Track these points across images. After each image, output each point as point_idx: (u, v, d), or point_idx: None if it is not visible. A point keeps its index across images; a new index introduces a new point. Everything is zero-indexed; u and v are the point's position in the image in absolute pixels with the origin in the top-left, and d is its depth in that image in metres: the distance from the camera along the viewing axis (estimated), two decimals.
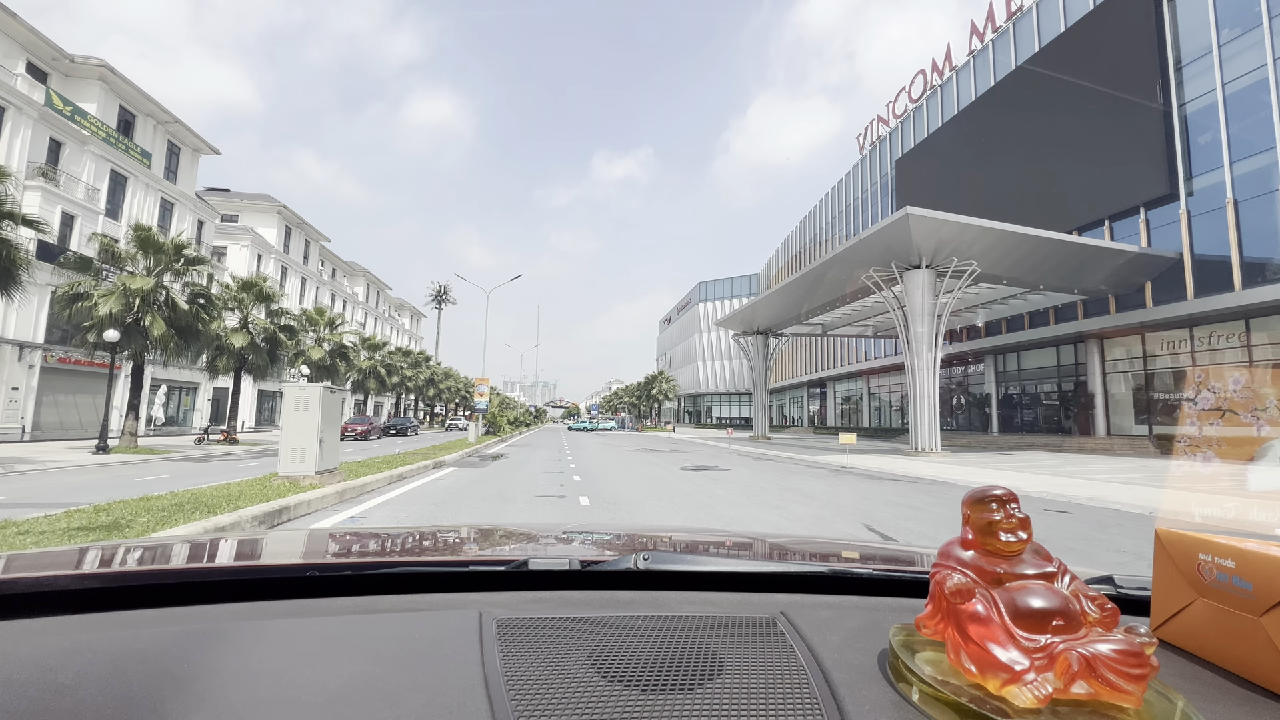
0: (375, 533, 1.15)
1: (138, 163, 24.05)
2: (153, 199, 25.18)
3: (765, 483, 9.68)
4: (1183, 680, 0.50)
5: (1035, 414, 24.39)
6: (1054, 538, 5.10)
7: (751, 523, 5.94)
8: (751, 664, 0.51)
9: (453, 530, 1.16)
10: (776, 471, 11.93)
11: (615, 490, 8.30)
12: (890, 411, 37.12)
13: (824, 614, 0.63)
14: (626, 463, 13.81)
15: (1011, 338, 24.18)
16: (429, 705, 0.43)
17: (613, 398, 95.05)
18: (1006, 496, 0.49)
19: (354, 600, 0.65)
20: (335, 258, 48.41)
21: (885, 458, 15.77)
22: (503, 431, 31.88)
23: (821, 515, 6.44)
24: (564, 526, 1.41)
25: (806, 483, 9.76)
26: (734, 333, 34.23)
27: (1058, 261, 17.62)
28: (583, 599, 0.69)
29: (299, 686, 0.45)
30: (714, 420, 70.78)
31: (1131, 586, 0.71)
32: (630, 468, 12.42)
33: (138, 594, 0.64)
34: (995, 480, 8.33)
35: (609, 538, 1.13)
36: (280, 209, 36.70)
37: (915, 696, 0.45)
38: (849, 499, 7.75)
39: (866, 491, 8.61)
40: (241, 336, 19.73)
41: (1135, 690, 0.40)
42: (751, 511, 6.65)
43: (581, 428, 60.94)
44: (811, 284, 22.51)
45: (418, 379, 49.37)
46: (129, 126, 24.32)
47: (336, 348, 27.66)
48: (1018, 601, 0.45)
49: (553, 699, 0.45)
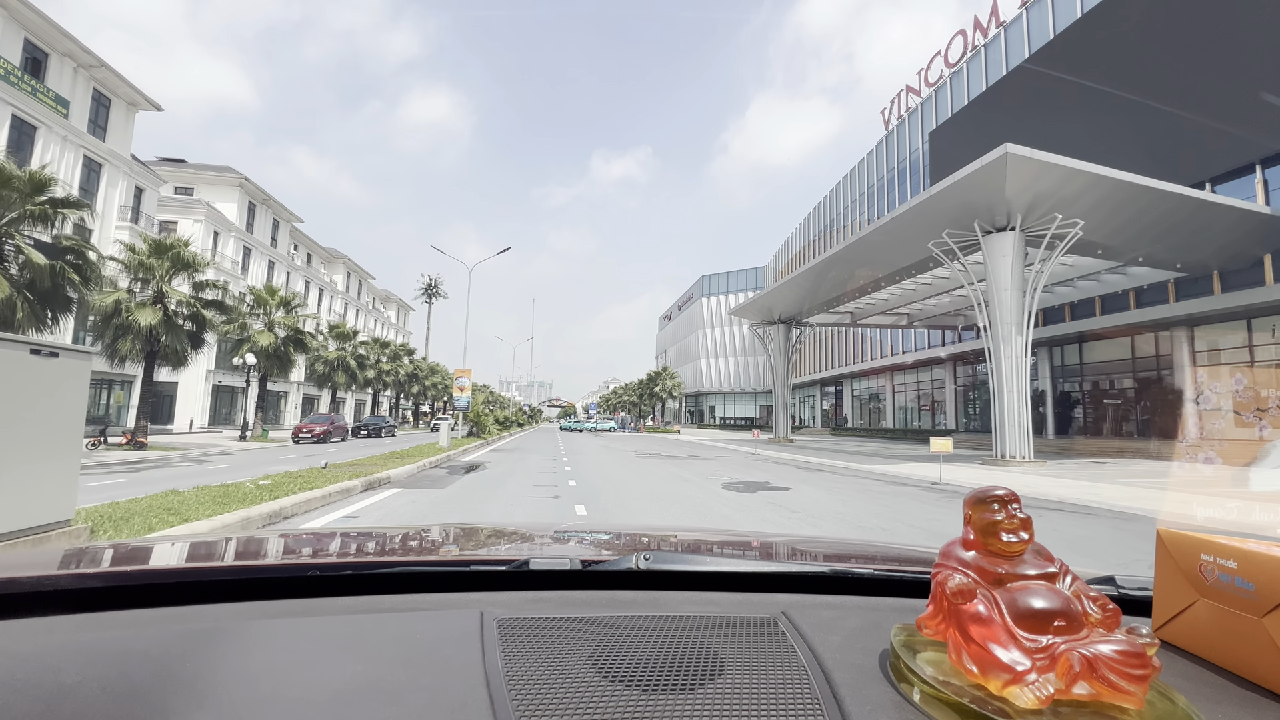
0: (376, 532, 1.29)
1: (50, 110, 23.52)
2: (72, 155, 24.87)
3: (861, 512, 8.33)
4: (1185, 681, 0.58)
5: (1101, 414, 24.12)
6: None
7: None
8: (752, 664, 0.60)
9: (454, 530, 1.29)
10: (855, 490, 10.65)
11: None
12: (917, 412, 38.90)
13: (825, 614, 0.73)
14: (644, 476, 12.73)
15: (1075, 326, 23.68)
16: (430, 705, 0.50)
17: (611, 397, 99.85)
18: (1008, 497, 0.57)
19: (355, 600, 0.75)
20: (311, 243, 49.66)
21: (971, 468, 15.04)
22: (488, 433, 32.18)
23: None
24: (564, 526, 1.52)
25: (923, 511, 8.40)
26: (751, 324, 36.25)
27: (1172, 225, 16.79)
28: (584, 599, 0.79)
29: (301, 686, 0.52)
30: (717, 420, 75.52)
31: (1133, 587, 0.80)
32: (652, 484, 11.18)
33: (139, 594, 0.74)
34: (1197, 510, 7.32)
35: (610, 537, 1.25)
36: (242, 182, 37.55)
37: (916, 697, 0.52)
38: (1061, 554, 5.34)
39: (1072, 535, 6.78)
40: (150, 313, 18.18)
41: (1137, 691, 0.46)
42: None
43: (576, 428, 61.15)
44: (851, 261, 22.58)
45: (398, 373, 50.52)
46: (39, 66, 23.78)
47: (292, 334, 27.42)
48: (1019, 602, 0.53)
49: (554, 699, 0.52)
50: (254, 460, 16.06)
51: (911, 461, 15.75)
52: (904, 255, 20.71)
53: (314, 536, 1.24)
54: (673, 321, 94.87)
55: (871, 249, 20.93)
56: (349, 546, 1.11)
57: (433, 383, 60.31)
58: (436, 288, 69.17)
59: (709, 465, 15.89)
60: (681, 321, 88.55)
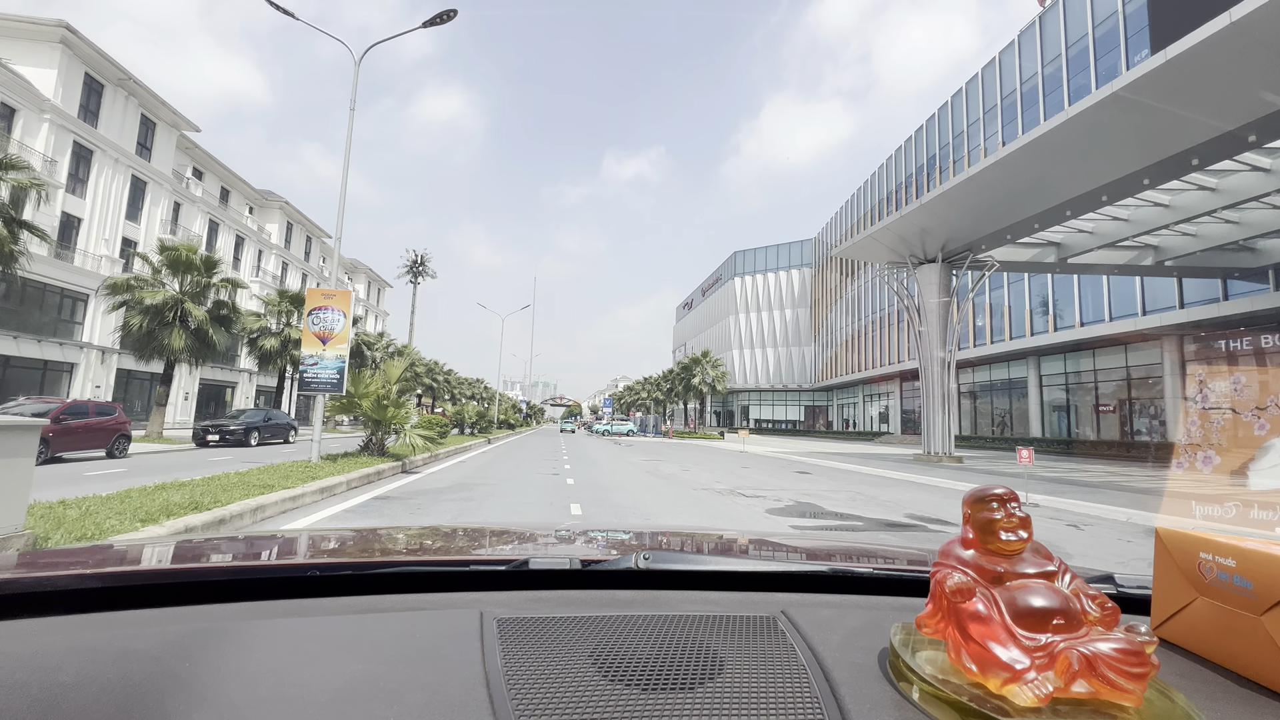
0: (376, 532, 1.29)
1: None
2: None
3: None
4: (1183, 679, 0.58)
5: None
6: None
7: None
8: (752, 663, 0.60)
9: (453, 530, 1.30)
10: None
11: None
12: (1091, 414, 26.39)
13: (825, 613, 0.73)
14: None
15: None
16: (430, 704, 0.50)
17: (625, 394, 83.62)
18: (1007, 496, 0.57)
19: (355, 600, 0.76)
20: (229, 173, 35.73)
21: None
22: (435, 445, 16.36)
23: None
24: (564, 526, 1.52)
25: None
26: (883, 265, 22.97)
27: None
28: (583, 598, 0.79)
29: (301, 686, 0.53)
30: (750, 423, 63.35)
31: (1132, 585, 0.81)
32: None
33: (139, 594, 0.75)
34: None
35: (609, 537, 1.26)
36: (66, 35, 23.70)
37: (916, 695, 0.53)
38: None
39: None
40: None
41: (1136, 689, 0.47)
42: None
43: (576, 429, 54.54)
44: (1093, 134, 12.72)
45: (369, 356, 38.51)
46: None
47: (183, 298, 19.10)
48: (1018, 600, 0.53)
49: (553, 698, 0.52)
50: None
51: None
52: (1175, 136, 12.14)
53: (313, 536, 1.24)
54: (694, 310, 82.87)
55: (1134, 117, 11.85)
56: (348, 546, 1.11)
57: (418, 373, 48.49)
58: (424, 266, 61.25)
59: None
60: (706, 309, 75.61)
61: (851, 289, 49.96)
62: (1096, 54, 25.15)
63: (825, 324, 56.66)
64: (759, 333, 63.93)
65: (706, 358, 49.14)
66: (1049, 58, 27.70)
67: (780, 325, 62.53)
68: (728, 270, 68.51)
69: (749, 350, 64.38)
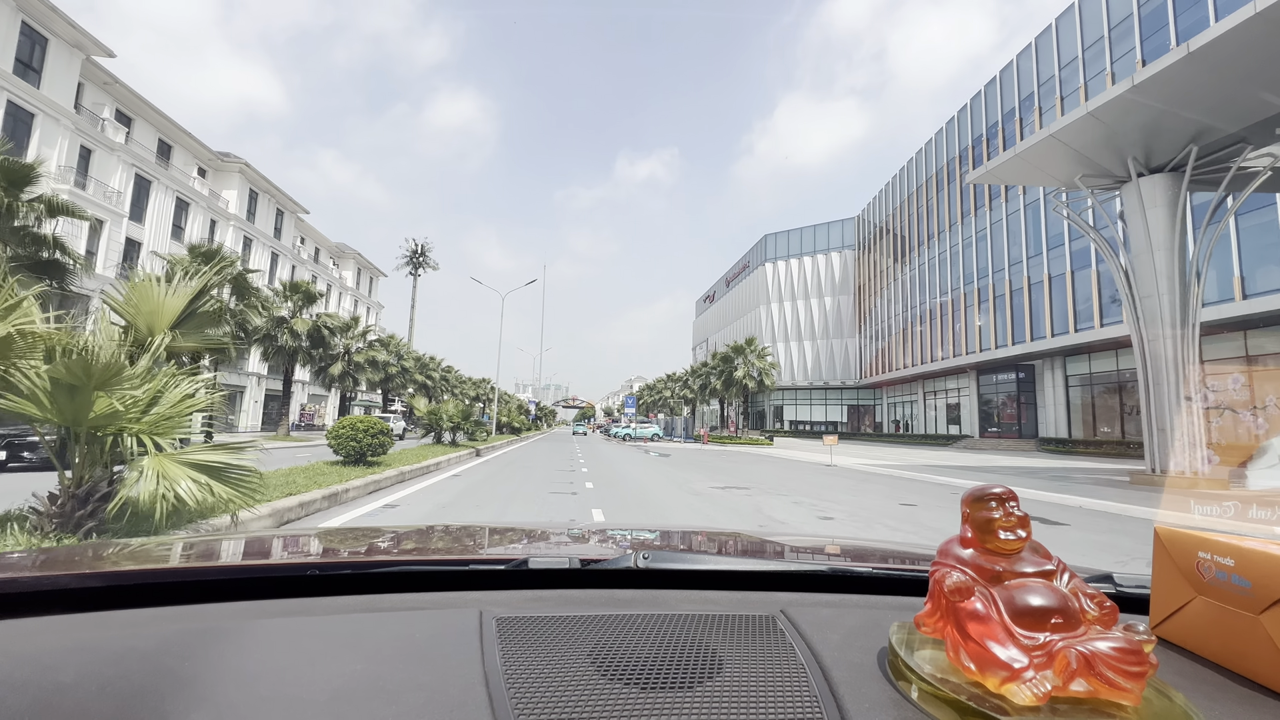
0: (376, 531, 1.30)
1: None
2: None
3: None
4: (1181, 678, 0.58)
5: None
6: None
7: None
8: (751, 662, 0.60)
9: (453, 529, 1.30)
10: None
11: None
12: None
13: (824, 612, 0.73)
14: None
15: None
16: (430, 703, 0.50)
17: (646, 392, 70.74)
18: (1006, 495, 0.57)
19: (355, 599, 0.76)
20: (183, 132, 29.48)
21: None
22: (382, 464, 10.24)
23: None
24: (564, 525, 1.53)
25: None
26: (1068, 190, 15.45)
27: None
28: (583, 598, 0.79)
29: (300, 685, 0.53)
30: (785, 425, 56.44)
31: (1130, 585, 0.81)
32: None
33: (138, 593, 0.75)
34: None
35: (609, 536, 1.26)
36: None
37: (915, 694, 0.53)
38: None
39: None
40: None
41: (1134, 688, 0.47)
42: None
43: (588, 431, 51.48)
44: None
45: (349, 356, 30.23)
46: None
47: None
48: (1017, 599, 0.53)
49: (553, 697, 0.53)
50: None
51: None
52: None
53: (313, 536, 1.25)
54: (716, 302, 74.96)
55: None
56: (348, 546, 1.11)
57: (380, 360, 33.17)
58: (424, 256, 57.28)
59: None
60: (732, 300, 68.22)
61: (905, 271, 43.29)
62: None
63: (872, 312, 50.12)
64: (793, 324, 56.75)
65: (751, 346, 39.14)
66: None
67: (819, 315, 55.65)
68: (756, 256, 61.60)
69: (782, 344, 57.02)
